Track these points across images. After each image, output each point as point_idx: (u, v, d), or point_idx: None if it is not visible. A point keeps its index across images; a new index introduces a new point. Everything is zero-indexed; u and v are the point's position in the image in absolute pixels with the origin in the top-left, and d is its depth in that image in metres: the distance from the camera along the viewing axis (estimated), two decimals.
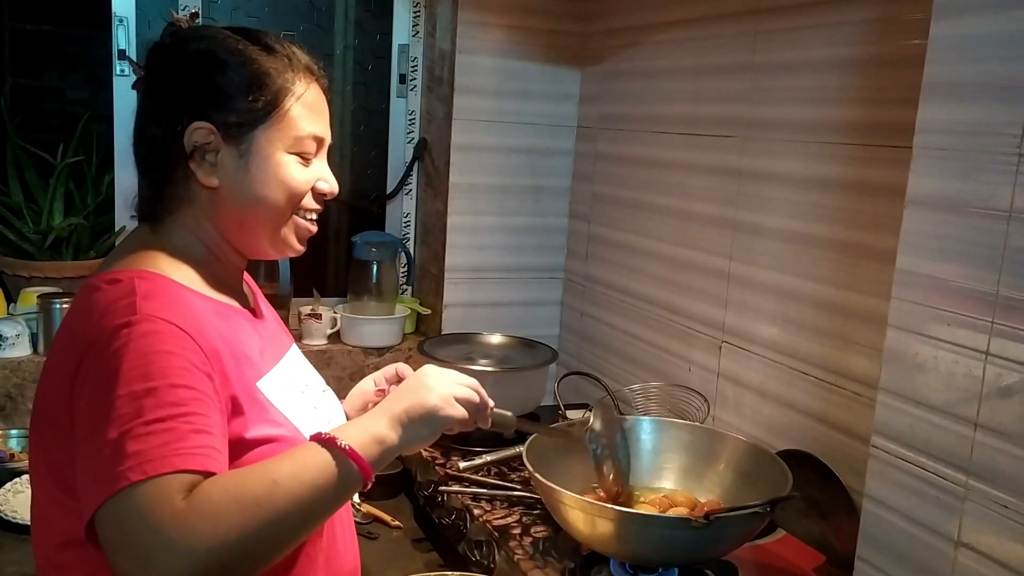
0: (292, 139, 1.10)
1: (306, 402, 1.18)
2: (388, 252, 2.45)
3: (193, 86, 1.08)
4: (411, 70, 2.55)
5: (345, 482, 1.00)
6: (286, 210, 1.12)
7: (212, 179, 1.09)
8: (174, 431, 0.90)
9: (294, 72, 1.11)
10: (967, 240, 1.08)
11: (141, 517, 0.86)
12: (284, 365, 1.19)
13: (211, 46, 1.09)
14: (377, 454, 1.04)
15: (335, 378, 2.32)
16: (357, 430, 1.05)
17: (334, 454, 0.99)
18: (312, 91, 1.13)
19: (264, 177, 1.10)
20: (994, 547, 1.07)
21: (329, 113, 1.17)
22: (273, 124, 1.09)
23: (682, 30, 2.02)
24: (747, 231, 1.81)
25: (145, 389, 0.91)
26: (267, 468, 0.96)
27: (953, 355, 1.10)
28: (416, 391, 1.12)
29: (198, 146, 1.07)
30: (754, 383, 1.80)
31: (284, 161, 1.10)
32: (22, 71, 2.36)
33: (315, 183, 1.15)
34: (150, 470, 0.87)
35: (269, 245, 1.15)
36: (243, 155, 1.08)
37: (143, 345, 0.93)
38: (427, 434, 1.12)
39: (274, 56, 1.11)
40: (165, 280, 1.03)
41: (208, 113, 1.07)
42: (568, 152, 2.46)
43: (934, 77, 1.12)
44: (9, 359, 2.06)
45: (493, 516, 1.63)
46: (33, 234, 2.26)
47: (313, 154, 1.14)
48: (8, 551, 1.62)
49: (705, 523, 1.28)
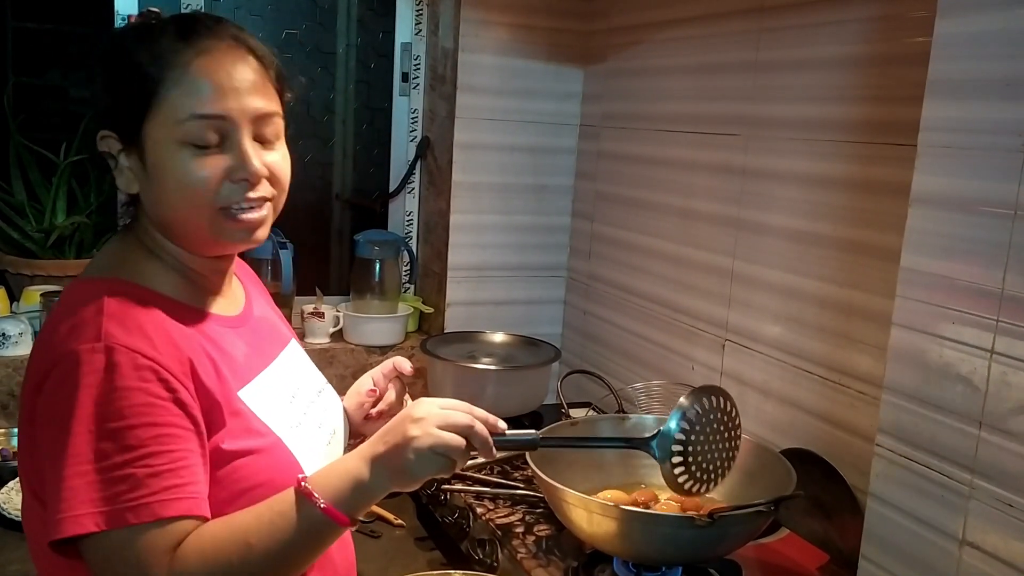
0: (175, 127, 0.98)
1: (295, 409, 1.14)
2: (391, 250, 2.45)
3: (95, 93, 1.04)
4: (414, 68, 2.54)
5: (321, 535, 0.99)
6: (201, 209, 1.01)
7: (130, 187, 1.04)
8: (145, 474, 0.91)
9: (179, 53, 0.99)
10: (972, 238, 1.08)
11: (133, 568, 0.90)
12: (273, 370, 1.15)
13: (105, 49, 1.04)
14: (357, 499, 1.00)
15: (337, 376, 2.32)
16: (338, 475, 1.01)
17: (310, 510, 0.97)
18: (201, 65, 0.99)
19: (161, 177, 1.01)
20: (999, 546, 1.07)
21: (280, 86, 1.06)
22: (154, 116, 0.99)
23: (685, 28, 2.01)
24: (751, 229, 1.81)
25: (113, 428, 0.91)
26: (243, 528, 0.95)
27: (958, 353, 1.10)
28: (394, 432, 1.02)
29: (108, 154, 1.04)
30: (757, 382, 1.80)
31: (176, 157, 0.99)
32: (25, 70, 2.36)
33: (226, 172, 1.00)
34: (132, 518, 0.90)
35: (206, 245, 1.06)
36: (142, 157, 1.01)
37: (106, 381, 0.91)
38: (401, 478, 1.02)
39: (150, 41, 1.00)
40: (139, 291, 1.01)
41: (108, 119, 1.03)
42: (571, 150, 2.46)
43: (939, 75, 1.12)
44: (12, 357, 2.06)
45: (496, 515, 1.63)
46: (36, 232, 2.26)
47: (218, 141, 1.00)
48: (11, 549, 1.62)
49: (709, 522, 1.28)
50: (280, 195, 1.08)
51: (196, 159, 0.99)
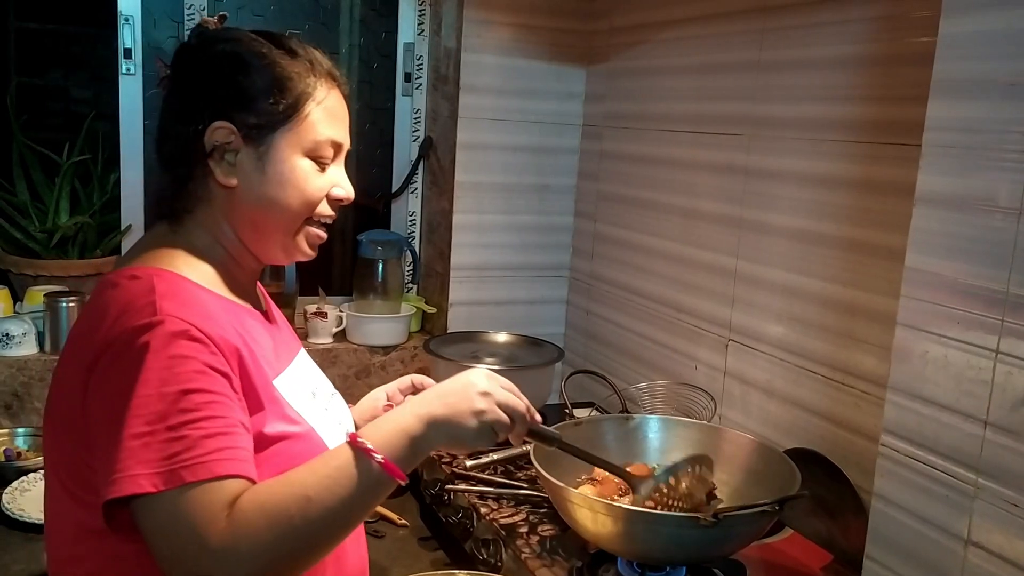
0: (310, 143, 1.11)
1: (318, 404, 1.18)
2: (393, 250, 2.45)
3: (216, 86, 1.09)
4: (416, 69, 2.54)
5: (379, 490, 1.01)
6: (300, 215, 1.12)
7: (230, 179, 1.09)
8: (199, 435, 0.92)
9: (316, 77, 1.12)
10: (976, 238, 1.08)
11: (190, 528, 0.90)
12: (295, 368, 1.20)
13: (236, 48, 1.10)
14: (411, 455, 1.04)
15: (340, 376, 2.32)
16: (391, 431, 1.04)
17: (368, 465, 0.99)
18: (332, 97, 1.14)
19: (280, 180, 1.10)
20: (1004, 546, 1.07)
21: (349, 121, 1.18)
22: (292, 127, 1.09)
23: (688, 28, 2.01)
24: (754, 229, 1.81)
25: (169, 392, 0.92)
26: (301, 481, 0.97)
27: (963, 353, 1.10)
28: (459, 398, 1.09)
29: (218, 145, 1.08)
30: (761, 381, 1.80)
31: (300, 165, 1.11)
32: (28, 70, 2.36)
33: (330, 189, 1.15)
34: (189, 476, 0.91)
35: (281, 248, 1.15)
36: (261, 157, 1.09)
37: (162, 348, 0.94)
38: (454, 442, 1.09)
39: (296, 60, 1.11)
40: (182, 279, 1.04)
41: (229, 113, 1.08)
42: (573, 150, 2.46)
43: (943, 74, 1.12)
44: (16, 357, 2.07)
45: (500, 515, 1.63)
46: (39, 233, 2.26)
47: (330, 160, 1.14)
48: (15, 549, 1.62)
49: (713, 522, 1.28)
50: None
51: (316, 173, 1.13)
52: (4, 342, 2.06)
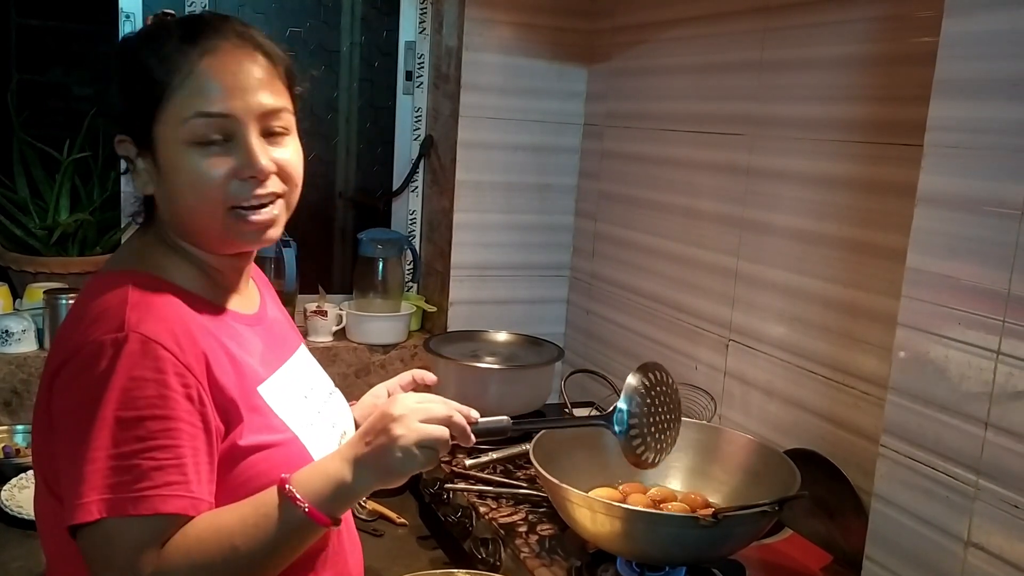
0: (184, 129, 0.99)
1: (309, 407, 1.15)
2: (394, 249, 2.45)
3: (109, 98, 1.07)
4: (418, 67, 2.54)
5: (304, 536, 1.01)
6: (212, 208, 1.02)
7: (145, 188, 1.06)
8: (150, 466, 0.92)
9: (184, 54, 0.99)
10: (978, 238, 1.08)
11: (122, 561, 0.92)
12: (288, 369, 1.17)
13: (117, 51, 1.06)
14: (339, 500, 1.01)
15: (340, 375, 2.32)
16: (319, 476, 1.01)
17: (294, 513, 0.98)
18: (208, 64, 0.99)
19: (173, 178, 1.02)
20: (1004, 548, 1.07)
21: (289, 81, 1.07)
22: (162, 116, 1.00)
23: (690, 27, 2.01)
24: (755, 229, 1.80)
25: (126, 418, 0.92)
26: (229, 530, 0.96)
27: (964, 354, 1.10)
28: (376, 433, 1.03)
29: (126, 158, 1.05)
30: (761, 382, 1.79)
31: (184, 157, 1.00)
32: (28, 67, 2.36)
33: (232, 170, 1.01)
34: (131, 509, 0.91)
35: (219, 244, 1.08)
36: (155, 159, 1.03)
37: (125, 369, 0.93)
38: (387, 476, 1.03)
39: (158, 42, 1.01)
40: (161, 283, 1.02)
41: (121, 123, 1.04)
42: (574, 150, 2.45)
43: (945, 74, 1.11)
44: (15, 354, 2.06)
45: (499, 514, 1.63)
46: (39, 230, 2.26)
47: (223, 139, 1.01)
48: (14, 547, 1.62)
49: (713, 522, 1.27)
50: (292, 190, 1.08)
51: (204, 158, 1.00)
52: (4, 339, 2.06)
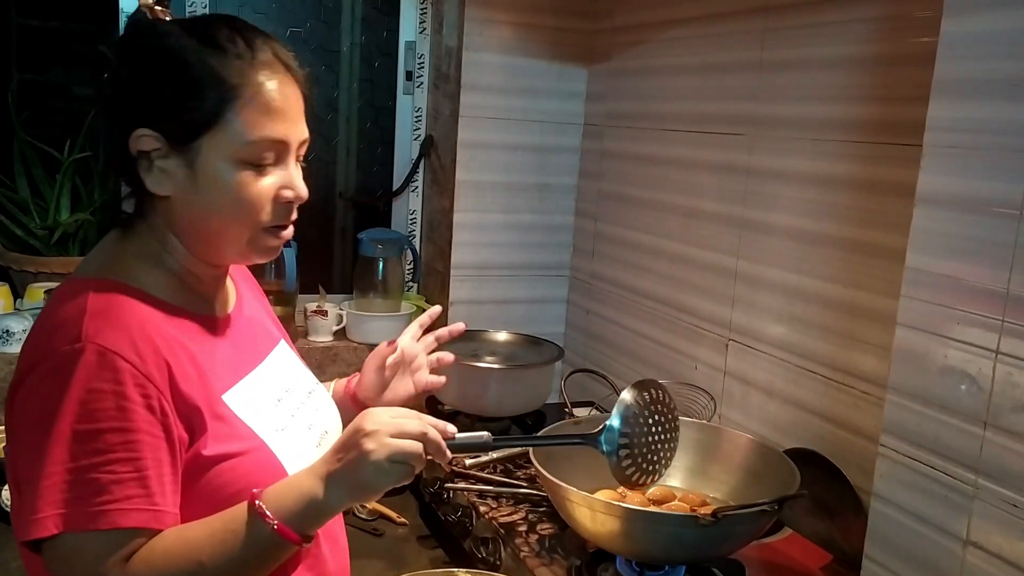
0: (243, 147, 1.00)
1: (282, 411, 1.13)
2: (394, 249, 2.45)
3: (137, 90, 1.01)
4: (418, 67, 2.54)
5: (274, 553, 0.99)
6: (243, 226, 1.04)
7: (162, 188, 1.02)
8: (109, 480, 0.91)
9: (249, 71, 1.01)
10: (977, 238, 1.08)
11: (85, 574, 0.90)
12: (261, 372, 1.14)
13: (157, 45, 1.01)
14: (312, 516, 1.00)
15: (340, 375, 2.28)
16: (292, 493, 1.00)
17: (263, 529, 0.96)
18: (270, 89, 1.01)
19: (213, 191, 1.01)
20: (1003, 546, 1.07)
21: (306, 108, 1.07)
22: (221, 131, 1.00)
23: (689, 27, 2.01)
24: (754, 229, 1.81)
25: (84, 431, 0.91)
26: (197, 545, 0.95)
27: (963, 354, 1.10)
28: (347, 448, 1.01)
29: (143, 152, 1.01)
30: (761, 381, 1.80)
31: (234, 174, 1.01)
32: (29, 67, 2.36)
33: (277, 192, 1.04)
34: (90, 524, 0.90)
35: (235, 256, 1.08)
36: (191, 165, 1.01)
37: (83, 380, 0.91)
38: (361, 492, 1.03)
39: (224, 55, 1.00)
40: (124, 289, 1.00)
41: (152, 119, 1.00)
42: (574, 150, 2.45)
43: (945, 74, 1.12)
44: (16, 354, 2.06)
45: (499, 513, 1.63)
46: (40, 230, 2.26)
47: (273, 161, 1.03)
48: (14, 546, 1.61)
49: (712, 521, 1.28)
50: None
51: (255, 178, 1.02)
52: (4, 339, 2.06)
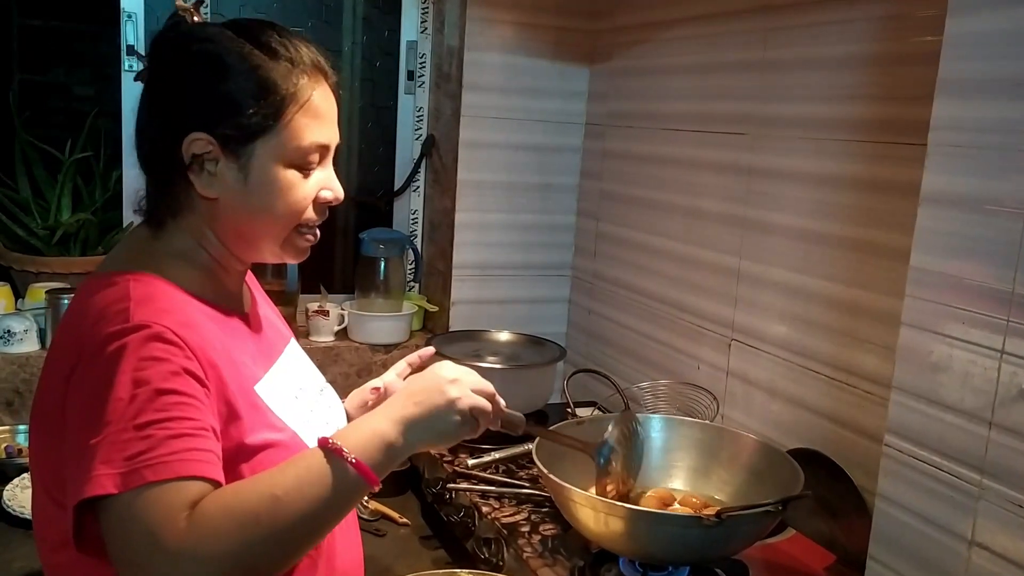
0: (294, 151, 1.05)
1: (301, 405, 1.15)
2: (395, 249, 2.45)
3: (192, 93, 1.03)
4: (419, 67, 2.54)
5: (351, 493, 0.98)
6: (287, 225, 1.08)
7: (211, 190, 1.04)
8: (165, 435, 0.89)
9: (299, 76, 1.04)
10: (982, 238, 1.08)
11: (145, 528, 0.86)
12: (278, 368, 1.16)
13: (212, 50, 1.03)
14: (385, 459, 1.00)
15: (342, 375, 2.32)
16: (364, 434, 1.00)
17: (340, 466, 0.96)
18: (318, 94, 1.06)
19: (263, 192, 1.05)
20: (1008, 547, 1.07)
21: (338, 111, 1.12)
22: (274, 136, 1.03)
23: (691, 27, 2.01)
24: (757, 229, 1.80)
25: (139, 394, 0.90)
26: (269, 481, 0.93)
27: (968, 354, 1.10)
28: (429, 393, 1.05)
29: (196, 156, 1.03)
30: (764, 381, 1.79)
31: (285, 175, 1.05)
32: (30, 67, 2.36)
33: (318, 192, 1.09)
34: (150, 475, 0.87)
35: (270, 255, 1.12)
36: (242, 168, 1.04)
37: (134, 352, 0.92)
38: (436, 439, 1.06)
39: (277, 60, 1.04)
40: (161, 283, 1.02)
41: (207, 123, 1.02)
42: (576, 149, 2.45)
43: (949, 74, 1.11)
44: (17, 354, 2.06)
45: (502, 513, 1.63)
46: (41, 230, 2.26)
47: (317, 163, 1.08)
48: (16, 547, 1.62)
49: (716, 522, 1.27)
50: None
51: (303, 179, 1.07)
52: (6, 339, 2.06)
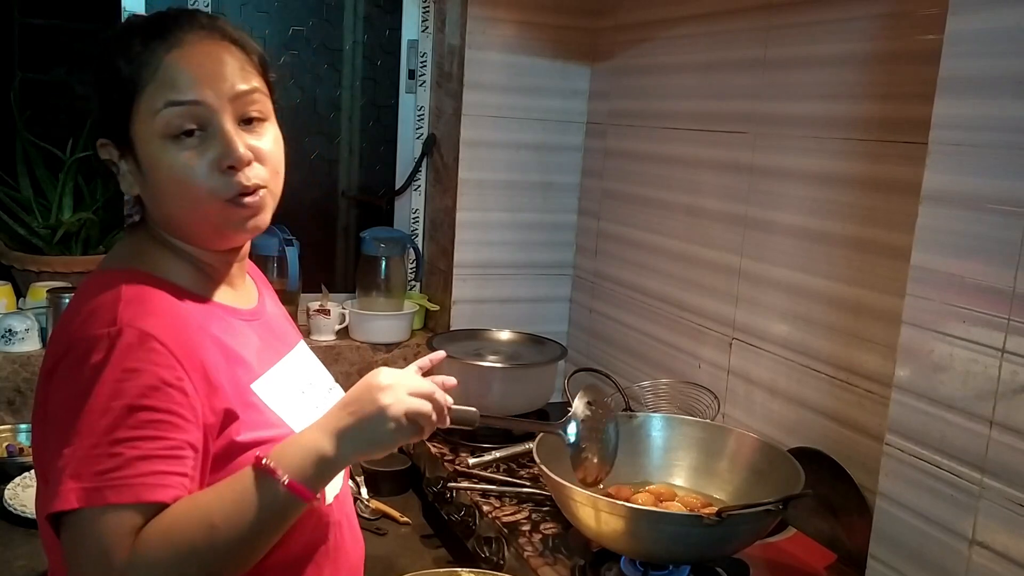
0: (159, 122, 0.98)
1: (307, 402, 1.15)
2: (397, 248, 2.45)
3: (92, 104, 1.07)
4: (420, 66, 2.54)
5: (286, 512, 0.97)
6: (196, 204, 1.01)
7: (132, 189, 1.06)
8: (134, 455, 0.90)
9: (149, 49, 0.99)
10: (983, 236, 1.07)
11: (99, 548, 0.88)
12: (285, 364, 1.16)
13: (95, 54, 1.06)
14: (320, 473, 0.98)
15: (343, 374, 2.31)
16: (300, 449, 0.99)
17: (273, 487, 0.95)
18: (175, 55, 0.99)
19: (156, 175, 1.01)
20: (1009, 546, 1.06)
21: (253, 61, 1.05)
22: (136, 114, 1.00)
23: (693, 25, 2.01)
24: (758, 227, 1.80)
25: (115, 407, 0.90)
26: (206, 508, 0.93)
27: (969, 352, 1.09)
28: (361, 403, 1.01)
29: (111, 161, 1.06)
30: (765, 380, 1.79)
31: (162, 151, 0.99)
32: (31, 66, 2.36)
33: (215, 161, 1.00)
34: (112, 497, 0.88)
35: (215, 237, 1.07)
36: (137, 159, 1.02)
37: (118, 361, 0.92)
38: (372, 448, 1.02)
39: (125, 44, 1.00)
40: (155, 280, 1.02)
41: (103, 127, 1.05)
42: (577, 148, 2.45)
43: (950, 72, 1.11)
44: (19, 353, 2.07)
45: (502, 512, 1.63)
46: (42, 229, 2.26)
47: (197, 125, 0.99)
48: (17, 545, 1.62)
49: (717, 521, 1.27)
50: (274, 179, 1.07)
51: (181, 151, 0.99)
52: (7, 338, 2.06)
